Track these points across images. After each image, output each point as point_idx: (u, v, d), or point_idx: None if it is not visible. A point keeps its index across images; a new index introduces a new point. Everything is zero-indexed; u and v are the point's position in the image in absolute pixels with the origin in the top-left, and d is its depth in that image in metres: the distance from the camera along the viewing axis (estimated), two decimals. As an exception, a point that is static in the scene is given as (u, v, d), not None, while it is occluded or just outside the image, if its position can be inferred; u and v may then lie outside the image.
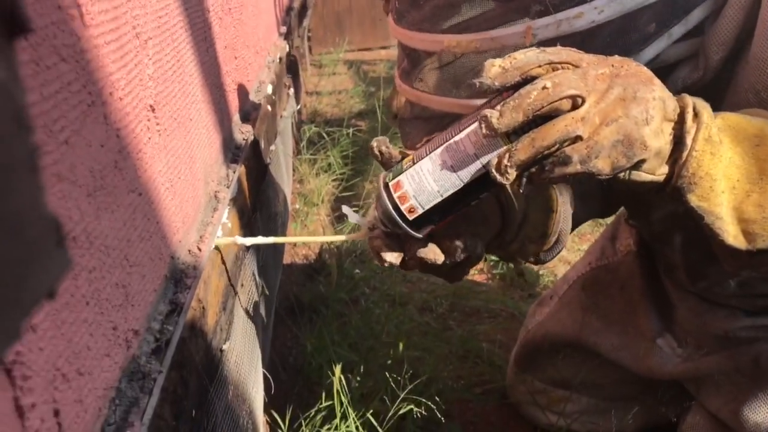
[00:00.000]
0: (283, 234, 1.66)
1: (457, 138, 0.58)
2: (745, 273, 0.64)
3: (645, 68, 0.56)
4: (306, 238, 1.47)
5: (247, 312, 1.00)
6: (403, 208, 0.61)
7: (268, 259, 1.26)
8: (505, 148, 0.55)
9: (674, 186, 0.58)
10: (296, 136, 2.59)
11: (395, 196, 0.61)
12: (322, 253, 2.00)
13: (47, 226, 0.17)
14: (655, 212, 0.93)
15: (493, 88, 0.54)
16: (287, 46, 2.21)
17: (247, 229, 1.02)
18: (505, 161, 0.53)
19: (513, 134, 0.54)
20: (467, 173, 0.58)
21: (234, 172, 0.98)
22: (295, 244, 2.08)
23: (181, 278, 0.69)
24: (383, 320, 1.62)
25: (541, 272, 1.92)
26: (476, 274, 1.95)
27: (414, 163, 0.61)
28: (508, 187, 0.57)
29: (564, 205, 0.80)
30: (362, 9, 5.06)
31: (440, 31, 0.75)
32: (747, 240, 0.59)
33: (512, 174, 0.54)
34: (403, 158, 0.64)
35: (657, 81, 0.56)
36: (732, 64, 0.76)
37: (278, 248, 1.52)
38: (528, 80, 0.54)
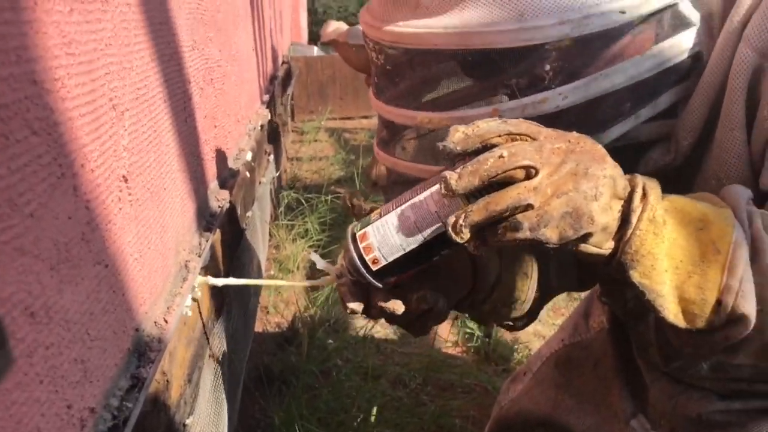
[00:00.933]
0: (256, 301, 1.64)
1: (421, 197, 0.62)
2: (687, 351, 0.65)
3: (599, 146, 0.59)
4: (274, 281, 1.45)
5: (213, 384, 0.97)
6: (367, 258, 0.64)
7: (238, 326, 1.24)
8: (461, 209, 0.57)
9: (618, 261, 0.59)
10: (274, 201, 2.59)
11: (361, 246, 0.64)
12: (295, 321, 1.97)
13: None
14: (629, 290, 0.93)
15: (455, 152, 0.57)
16: (269, 114, 2.24)
17: (218, 298, 1.01)
18: (461, 221, 0.56)
19: (472, 197, 0.57)
20: (428, 230, 0.62)
21: (207, 240, 0.97)
22: (267, 312, 2.05)
23: (145, 351, 0.67)
24: (354, 394, 1.58)
25: (515, 346, 1.91)
26: (450, 347, 1.93)
27: (380, 217, 0.64)
28: (467, 246, 0.58)
29: (537, 272, 0.80)
30: (345, 79, 5.18)
31: (414, 107, 0.78)
32: (686, 320, 0.60)
33: (466, 234, 0.56)
34: (371, 211, 0.67)
35: (609, 159, 0.58)
36: (701, 149, 0.77)
37: (249, 315, 1.49)
38: (487, 148, 0.57)
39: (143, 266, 0.68)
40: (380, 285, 0.67)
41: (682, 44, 0.72)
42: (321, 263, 0.74)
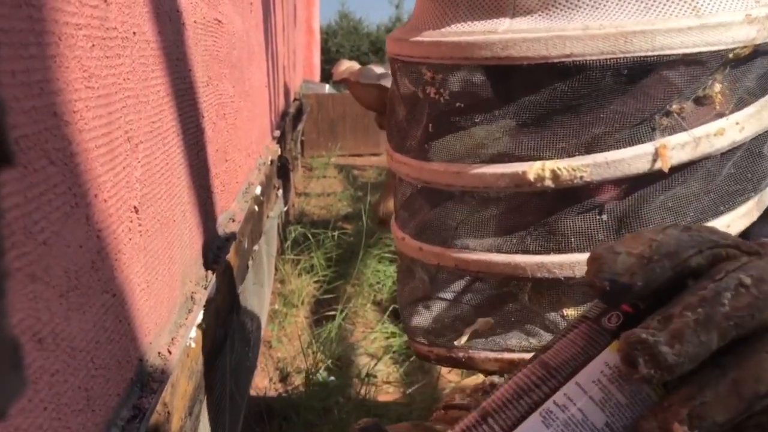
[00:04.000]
0: (259, 336, 1.64)
1: (559, 398, 0.31)
2: None
3: None
4: None
5: (214, 418, 0.97)
6: None
7: (241, 361, 1.24)
8: (668, 403, 0.30)
9: None
10: (281, 235, 2.61)
11: None
12: (297, 356, 1.97)
13: (6, 349, 0.17)
14: None
15: (635, 288, 0.31)
16: (279, 149, 2.27)
17: (222, 330, 1.01)
18: (684, 428, 0.29)
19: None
20: None
21: (213, 273, 0.98)
22: (270, 346, 2.04)
23: (147, 382, 0.67)
24: (355, 432, 1.57)
25: (519, 389, 1.89)
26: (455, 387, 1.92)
27: None
28: None
29: None
30: (356, 117, 5.25)
31: (515, 159, 0.52)
32: None
33: None
34: None
35: None
36: None
37: (252, 349, 1.49)
38: (685, 274, 0.32)
39: (150, 297, 0.69)
40: None
41: None
42: None
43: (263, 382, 1.82)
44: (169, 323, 0.77)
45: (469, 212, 0.55)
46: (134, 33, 0.64)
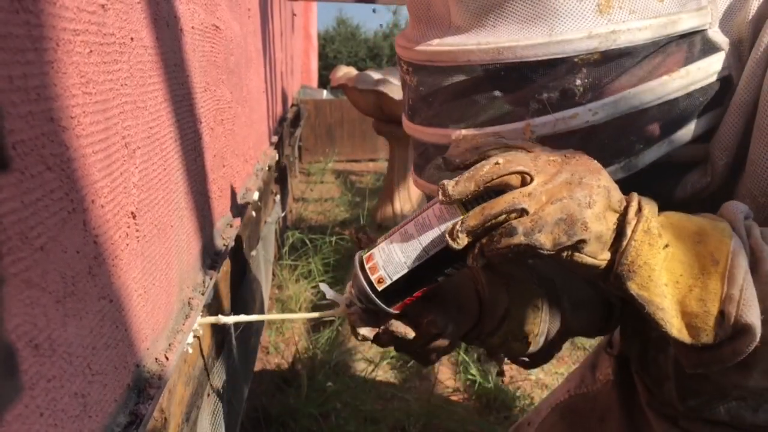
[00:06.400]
0: (257, 341, 1.63)
1: (423, 213, 0.64)
2: (701, 370, 0.62)
3: (596, 162, 0.62)
4: (283, 315, 1.38)
5: (211, 423, 0.96)
6: (372, 278, 0.65)
7: (238, 366, 1.24)
8: (460, 218, 0.60)
9: (615, 273, 0.60)
10: (279, 241, 2.60)
11: (367, 267, 0.66)
12: (295, 362, 1.96)
13: (1, 356, 0.17)
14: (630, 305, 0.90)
15: (454, 164, 0.62)
16: (277, 155, 2.27)
17: (220, 335, 1.01)
18: (458, 227, 0.58)
19: (470, 207, 0.60)
20: (429, 243, 0.63)
21: (211, 279, 0.98)
22: (267, 352, 2.04)
23: (144, 388, 0.67)
24: (353, 438, 1.56)
25: (516, 394, 1.89)
26: (451, 393, 1.91)
27: (386, 239, 0.67)
28: (469, 263, 0.60)
29: (548, 306, 0.81)
30: (353, 122, 5.25)
31: (448, 126, 0.79)
32: (691, 334, 0.59)
33: (463, 239, 0.58)
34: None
35: (604, 172, 0.61)
36: (737, 171, 0.76)
37: (250, 354, 1.49)
38: (485, 159, 0.61)
39: (147, 302, 0.68)
40: (389, 309, 0.67)
41: (710, 67, 0.73)
42: (330, 293, 0.76)
43: (261, 388, 1.81)
44: (166, 329, 0.77)
45: (431, 157, 0.83)
46: (132, 39, 0.65)
